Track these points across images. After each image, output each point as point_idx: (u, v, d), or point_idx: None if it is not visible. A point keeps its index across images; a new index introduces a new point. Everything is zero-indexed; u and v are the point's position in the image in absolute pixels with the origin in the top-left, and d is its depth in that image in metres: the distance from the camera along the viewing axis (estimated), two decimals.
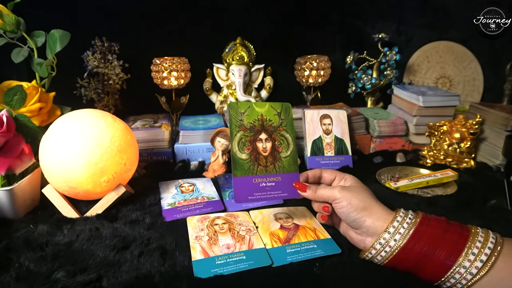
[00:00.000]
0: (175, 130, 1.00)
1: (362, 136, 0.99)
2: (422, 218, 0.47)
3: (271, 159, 0.57)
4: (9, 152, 0.59)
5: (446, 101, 0.98)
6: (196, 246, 0.54)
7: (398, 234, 0.46)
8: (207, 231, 0.57)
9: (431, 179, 0.75)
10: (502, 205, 0.67)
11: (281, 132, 0.59)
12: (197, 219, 0.62)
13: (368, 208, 0.48)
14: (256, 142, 0.57)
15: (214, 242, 0.55)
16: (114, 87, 1.01)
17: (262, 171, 0.56)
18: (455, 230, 0.44)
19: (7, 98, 0.66)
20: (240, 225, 0.60)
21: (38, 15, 0.83)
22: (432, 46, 1.24)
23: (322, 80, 1.12)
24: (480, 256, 0.41)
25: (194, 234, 0.57)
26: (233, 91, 1.10)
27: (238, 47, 1.09)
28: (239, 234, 0.57)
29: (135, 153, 0.68)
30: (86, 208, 0.65)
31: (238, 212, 0.65)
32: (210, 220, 0.61)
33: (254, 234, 0.57)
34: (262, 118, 0.58)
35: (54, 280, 0.46)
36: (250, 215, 0.64)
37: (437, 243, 0.43)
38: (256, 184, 0.55)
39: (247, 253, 0.52)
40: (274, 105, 0.60)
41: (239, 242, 0.55)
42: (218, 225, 0.59)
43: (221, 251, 0.53)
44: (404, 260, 0.45)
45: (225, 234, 0.57)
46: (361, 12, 1.20)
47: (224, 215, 0.63)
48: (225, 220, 0.61)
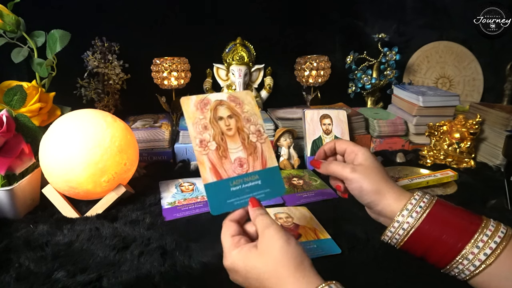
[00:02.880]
0: (175, 130, 1.00)
1: (362, 136, 0.99)
2: (438, 202, 0.45)
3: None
4: (9, 152, 0.59)
5: (446, 101, 0.98)
6: (204, 159, 0.44)
7: (414, 213, 0.44)
8: (212, 132, 0.46)
9: (431, 179, 0.75)
10: (502, 205, 0.67)
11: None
12: (194, 104, 0.46)
13: (381, 191, 0.47)
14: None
15: (224, 153, 0.45)
16: (114, 87, 1.01)
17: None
18: (467, 218, 0.43)
19: (7, 98, 0.66)
20: (248, 121, 0.48)
21: (38, 15, 0.83)
22: (432, 46, 1.24)
23: (322, 80, 1.12)
24: (485, 249, 0.40)
25: (197, 134, 0.45)
26: (233, 91, 1.10)
27: (238, 47, 1.09)
28: (250, 142, 0.47)
29: (135, 153, 0.68)
30: (86, 208, 0.65)
31: (240, 94, 0.51)
32: (212, 108, 0.47)
33: (265, 141, 0.48)
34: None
35: (54, 280, 0.46)
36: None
37: (448, 226, 0.43)
38: None
39: (262, 175, 0.46)
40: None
41: (251, 155, 0.47)
42: (224, 120, 0.47)
43: (234, 170, 0.45)
44: (418, 241, 0.44)
45: (234, 138, 0.47)
46: (361, 12, 1.20)
47: (227, 97, 0.49)
48: (230, 110, 0.48)
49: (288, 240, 0.36)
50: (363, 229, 0.58)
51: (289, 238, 0.37)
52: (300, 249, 0.36)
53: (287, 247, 0.36)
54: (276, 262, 0.35)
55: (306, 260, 0.36)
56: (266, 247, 0.36)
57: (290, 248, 0.36)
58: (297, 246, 0.36)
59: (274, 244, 0.36)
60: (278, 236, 0.37)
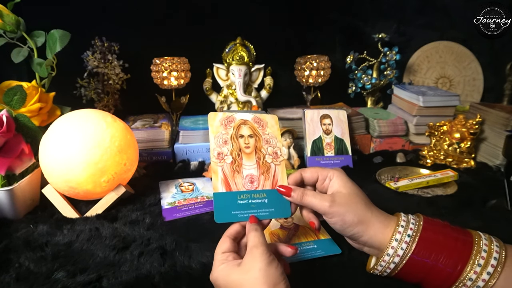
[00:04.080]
0: (175, 130, 1.00)
1: (362, 136, 0.99)
2: (425, 223, 0.44)
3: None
4: (9, 152, 0.59)
5: (446, 101, 0.98)
6: (218, 170, 0.47)
7: (404, 243, 0.42)
8: (231, 147, 0.49)
9: (431, 179, 0.75)
10: (502, 205, 0.67)
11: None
12: (220, 120, 0.50)
13: (365, 221, 0.44)
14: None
15: (237, 168, 0.48)
16: (114, 87, 1.01)
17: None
18: (459, 236, 0.42)
19: (7, 98, 0.66)
20: (267, 142, 0.51)
21: (38, 15, 0.83)
22: (432, 46, 1.24)
23: (322, 80, 1.12)
24: (487, 267, 0.39)
25: (216, 147, 0.48)
26: (233, 91, 1.10)
27: (238, 47, 1.08)
28: (265, 162, 0.49)
29: (135, 153, 0.68)
30: (86, 208, 0.65)
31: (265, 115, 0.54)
32: (235, 126, 0.51)
33: (280, 163, 0.50)
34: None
35: (54, 280, 0.46)
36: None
37: (443, 249, 0.41)
38: None
39: (269, 194, 0.47)
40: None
41: (263, 174, 0.48)
42: (244, 138, 0.50)
43: (244, 185, 0.47)
44: (414, 271, 0.42)
45: (250, 156, 0.49)
46: (361, 12, 1.20)
47: (251, 119, 0.52)
48: (252, 130, 0.51)
49: (270, 263, 0.39)
50: None
51: (271, 261, 0.39)
52: (279, 273, 0.38)
53: (267, 268, 0.38)
54: (255, 280, 0.37)
55: (282, 283, 0.38)
56: (249, 265, 0.39)
57: (270, 270, 0.38)
58: (276, 270, 0.38)
59: (255, 265, 0.38)
60: (262, 258, 0.39)
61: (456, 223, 0.46)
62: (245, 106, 1.09)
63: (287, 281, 0.39)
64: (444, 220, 0.46)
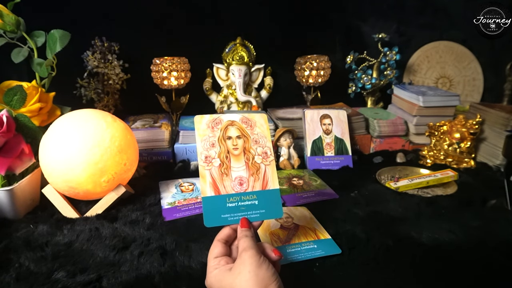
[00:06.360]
0: (175, 130, 1.00)
1: (362, 136, 0.99)
2: None
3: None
4: (9, 152, 0.59)
5: (446, 101, 0.98)
6: (206, 174, 0.47)
7: None
8: (219, 149, 0.48)
9: (431, 179, 0.75)
10: (502, 205, 0.67)
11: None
12: (206, 122, 0.49)
13: None
14: None
15: (226, 170, 0.47)
16: (114, 87, 1.01)
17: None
18: None
19: (7, 98, 0.66)
20: (256, 142, 0.50)
21: (38, 15, 0.83)
22: (432, 46, 1.24)
23: (322, 80, 1.12)
24: None
25: (203, 150, 0.48)
26: (233, 91, 1.10)
27: (238, 47, 1.09)
28: (254, 163, 0.49)
29: (135, 153, 0.68)
30: (86, 208, 0.65)
31: (254, 115, 0.53)
32: (222, 128, 0.50)
33: (270, 163, 0.49)
34: None
35: (54, 280, 0.46)
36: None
37: None
38: None
39: (260, 196, 0.47)
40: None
41: (253, 175, 0.48)
42: (232, 139, 0.49)
43: (233, 187, 0.47)
44: None
45: (238, 157, 0.48)
46: (361, 12, 1.20)
47: (239, 119, 0.51)
48: (240, 131, 0.50)
49: (260, 265, 0.39)
50: (363, 229, 0.58)
51: (261, 263, 0.40)
52: (269, 274, 0.39)
53: (257, 270, 0.39)
54: (246, 283, 0.38)
55: (273, 284, 0.38)
56: (239, 269, 0.40)
57: (260, 272, 0.39)
58: (267, 271, 0.39)
59: (245, 268, 0.39)
60: (252, 260, 0.40)
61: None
62: (245, 106, 1.09)
63: (280, 281, 0.39)
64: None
